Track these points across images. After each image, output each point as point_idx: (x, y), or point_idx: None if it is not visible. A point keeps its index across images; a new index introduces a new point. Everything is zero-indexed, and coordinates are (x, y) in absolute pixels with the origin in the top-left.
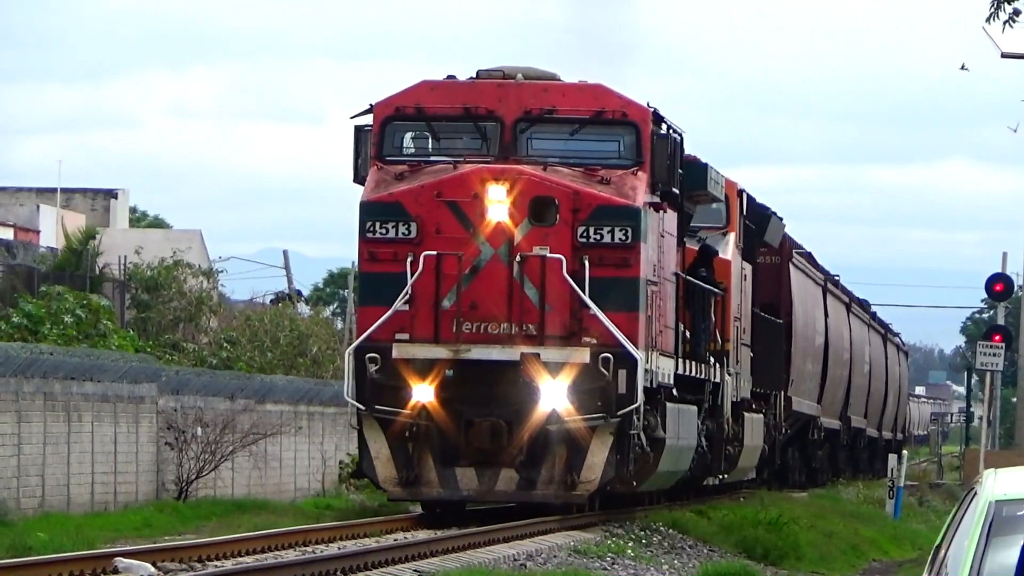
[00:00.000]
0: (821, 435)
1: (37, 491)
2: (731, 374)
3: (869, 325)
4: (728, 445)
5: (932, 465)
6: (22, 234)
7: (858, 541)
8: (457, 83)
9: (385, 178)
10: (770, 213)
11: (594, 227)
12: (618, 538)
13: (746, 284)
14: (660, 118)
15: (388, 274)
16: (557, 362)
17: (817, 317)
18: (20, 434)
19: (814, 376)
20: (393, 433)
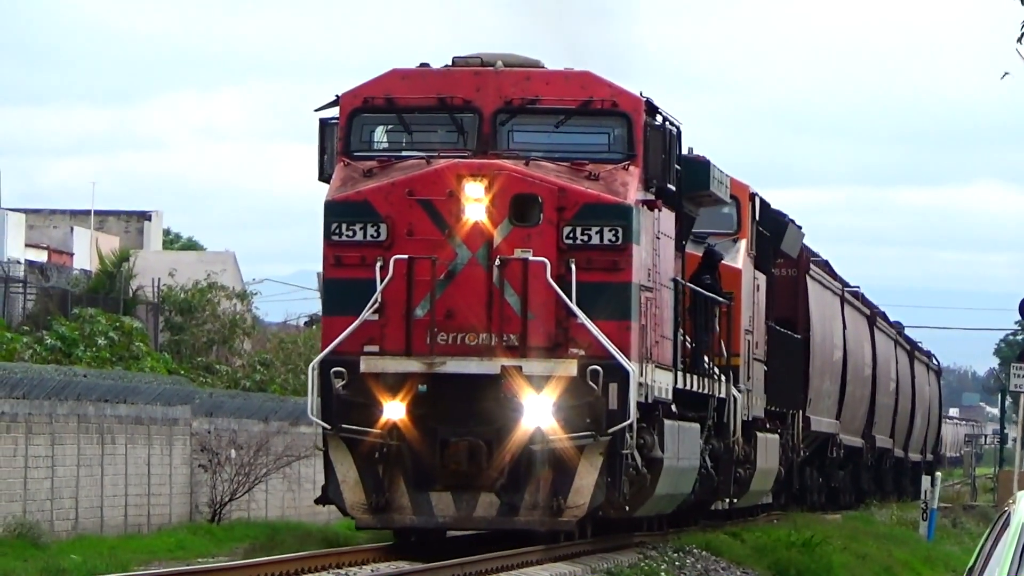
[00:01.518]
0: (841, 453)
1: (71, 513)
2: (741, 391)
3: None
4: (739, 467)
5: (966, 487)
6: (56, 256)
7: (891, 563)
8: (431, 71)
9: (352, 175)
10: (787, 220)
11: (581, 227)
12: (652, 560)
13: (759, 295)
14: (654, 108)
15: (355, 280)
16: (541, 375)
17: (835, 329)
18: (54, 456)
19: (832, 393)
20: (361, 454)
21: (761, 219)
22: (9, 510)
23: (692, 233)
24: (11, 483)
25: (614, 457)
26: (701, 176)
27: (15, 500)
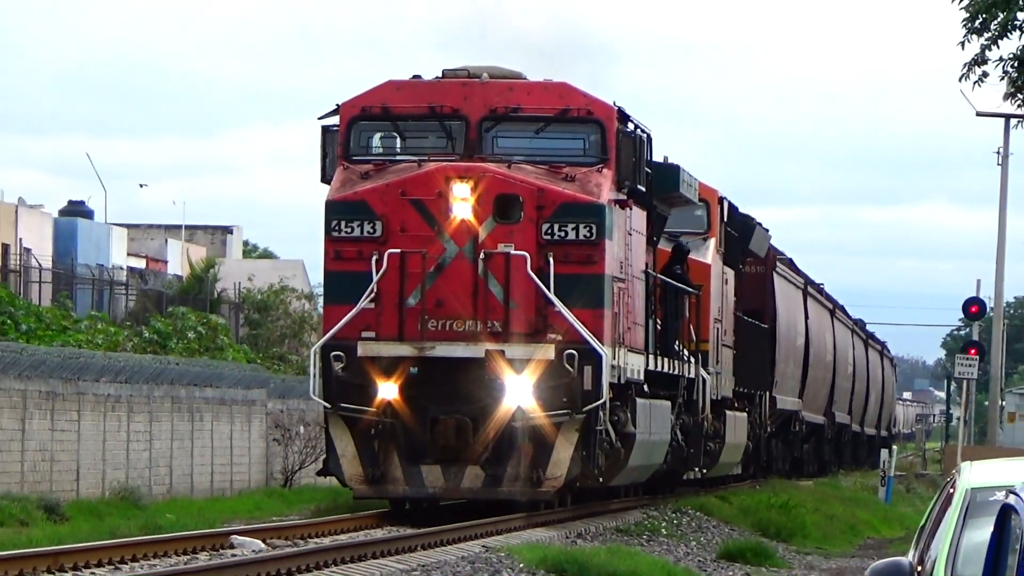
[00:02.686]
0: (804, 428)
1: (166, 479)
2: (710, 373)
3: (854, 331)
4: (709, 441)
5: (917, 458)
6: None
7: (855, 522)
8: (422, 83)
9: (351, 177)
10: (755, 223)
11: (559, 224)
12: (654, 519)
13: (727, 288)
14: (626, 116)
15: (353, 273)
16: (522, 359)
17: (799, 320)
18: (151, 431)
19: (796, 375)
20: (359, 431)
21: (729, 220)
22: (114, 476)
23: (665, 232)
24: (116, 454)
25: (589, 433)
26: (671, 179)
27: (119, 468)
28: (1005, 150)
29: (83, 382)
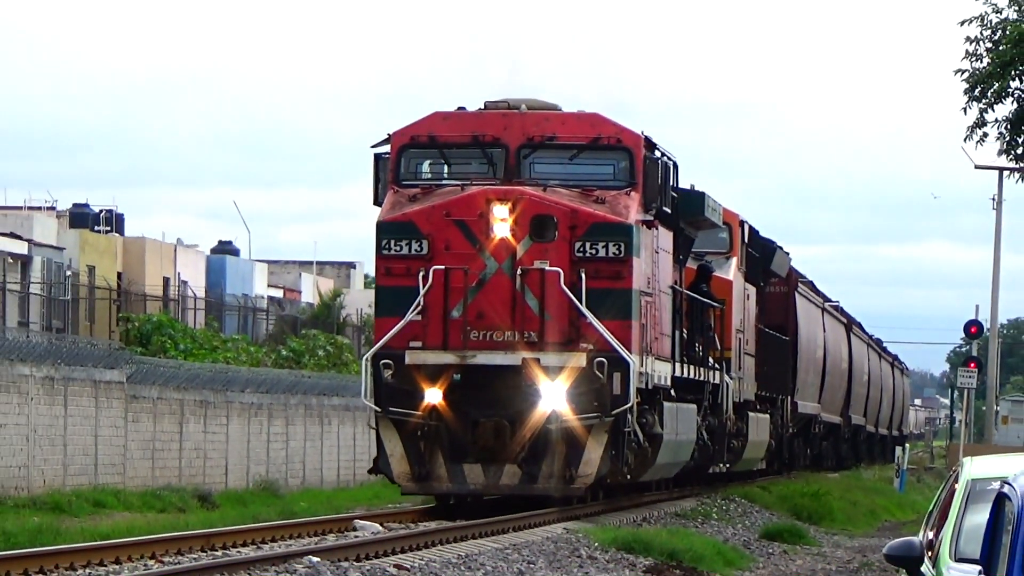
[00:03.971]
0: (822, 429)
1: (299, 473)
2: (733, 378)
3: (868, 344)
4: (733, 439)
5: (926, 454)
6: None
7: (875, 507)
8: (466, 113)
9: (400, 200)
10: (776, 246)
11: (590, 242)
12: (706, 505)
13: (749, 303)
14: (653, 144)
15: (402, 287)
16: (556, 366)
17: (818, 334)
18: (287, 433)
19: (815, 383)
20: (406, 432)
21: (751, 242)
22: (257, 471)
23: (692, 252)
24: (258, 452)
25: (618, 434)
26: (697, 204)
27: (261, 464)
28: (999, 197)
29: (231, 392)
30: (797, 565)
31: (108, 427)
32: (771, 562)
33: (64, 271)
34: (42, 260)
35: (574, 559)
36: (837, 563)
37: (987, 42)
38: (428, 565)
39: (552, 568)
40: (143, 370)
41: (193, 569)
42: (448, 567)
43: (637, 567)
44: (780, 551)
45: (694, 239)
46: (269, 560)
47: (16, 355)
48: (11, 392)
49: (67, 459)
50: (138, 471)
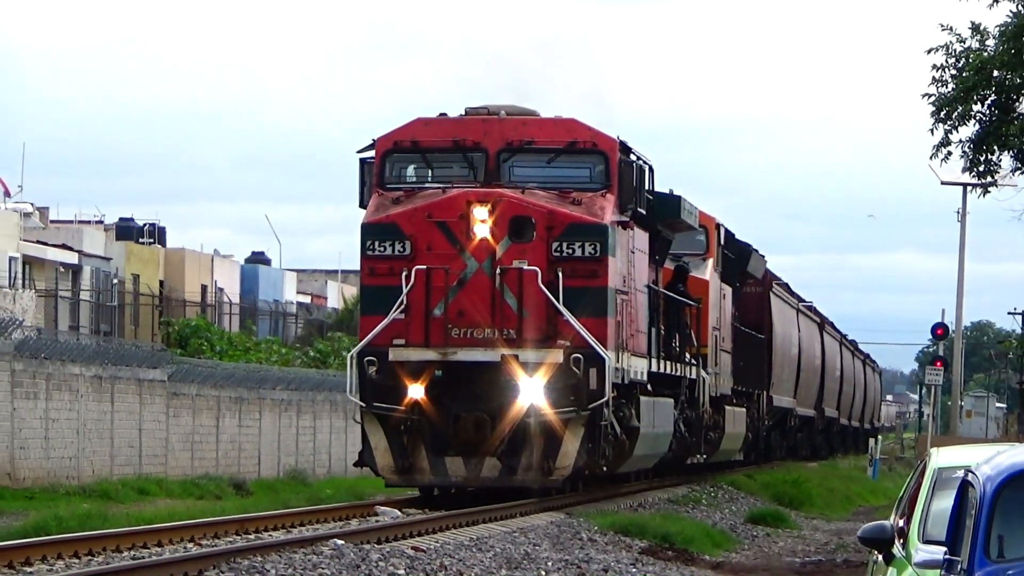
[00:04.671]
0: (797, 421)
1: (326, 463)
2: (709, 373)
3: (840, 342)
4: (710, 431)
5: (897, 445)
6: (316, 300)
7: (850, 494)
8: (448, 119)
9: (384, 203)
10: (751, 249)
11: (567, 243)
12: (696, 492)
13: (725, 302)
14: (627, 148)
15: (386, 287)
16: (534, 362)
17: (793, 332)
18: (315, 427)
19: (790, 378)
20: (390, 427)
21: (727, 244)
22: (287, 461)
23: (670, 253)
24: (288, 444)
25: (594, 427)
26: (673, 207)
27: (291, 455)
28: (963, 211)
29: (263, 390)
30: (779, 547)
31: (151, 421)
32: (756, 544)
33: (111, 279)
34: (91, 269)
35: (576, 541)
36: (816, 545)
37: (952, 69)
38: (443, 547)
39: (556, 549)
40: (183, 370)
41: (229, 551)
42: (461, 548)
43: (633, 548)
44: (764, 534)
45: (671, 241)
46: (298, 543)
47: (68, 356)
48: (63, 390)
49: (114, 451)
50: (179, 462)
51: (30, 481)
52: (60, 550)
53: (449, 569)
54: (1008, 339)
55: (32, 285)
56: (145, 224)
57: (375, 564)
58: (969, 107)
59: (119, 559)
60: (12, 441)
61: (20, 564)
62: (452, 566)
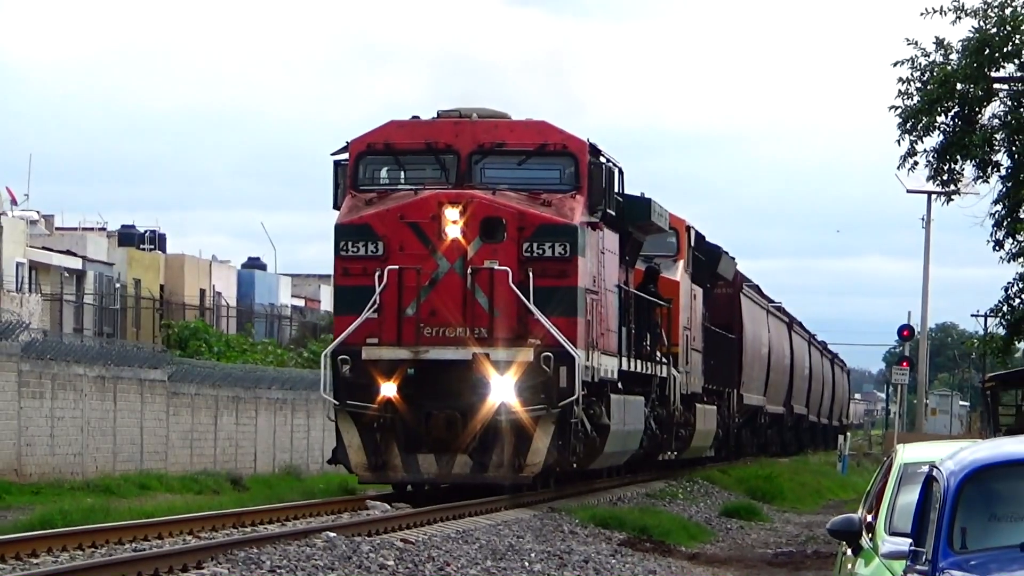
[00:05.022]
0: (767, 419)
1: (319, 459)
2: (680, 372)
3: (809, 342)
4: (681, 428)
5: (865, 442)
6: (310, 303)
7: (820, 488)
8: (421, 122)
9: (357, 204)
10: (721, 251)
11: (537, 243)
12: (673, 487)
13: (696, 302)
14: (597, 150)
15: (359, 287)
16: (505, 361)
17: (763, 333)
18: (309, 424)
19: (760, 377)
20: (363, 424)
21: (697, 246)
22: (282, 457)
23: (641, 255)
24: (283, 441)
25: (564, 425)
26: (643, 210)
27: (285, 451)
28: (928, 218)
29: (259, 389)
30: (752, 539)
31: (152, 420)
32: (730, 536)
33: (114, 284)
34: (95, 274)
35: (558, 534)
36: (787, 537)
37: (917, 82)
38: (431, 539)
39: (539, 541)
40: (182, 370)
41: (226, 543)
42: (448, 540)
43: (613, 540)
44: (737, 526)
45: (642, 243)
46: (292, 535)
47: (72, 357)
48: (68, 389)
49: (116, 448)
50: (178, 458)
51: (36, 477)
52: (65, 542)
53: (436, 560)
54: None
55: (38, 289)
56: (146, 231)
57: (366, 555)
58: (933, 119)
59: (121, 551)
60: (19, 438)
61: (27, 556)
62: (439, 557)
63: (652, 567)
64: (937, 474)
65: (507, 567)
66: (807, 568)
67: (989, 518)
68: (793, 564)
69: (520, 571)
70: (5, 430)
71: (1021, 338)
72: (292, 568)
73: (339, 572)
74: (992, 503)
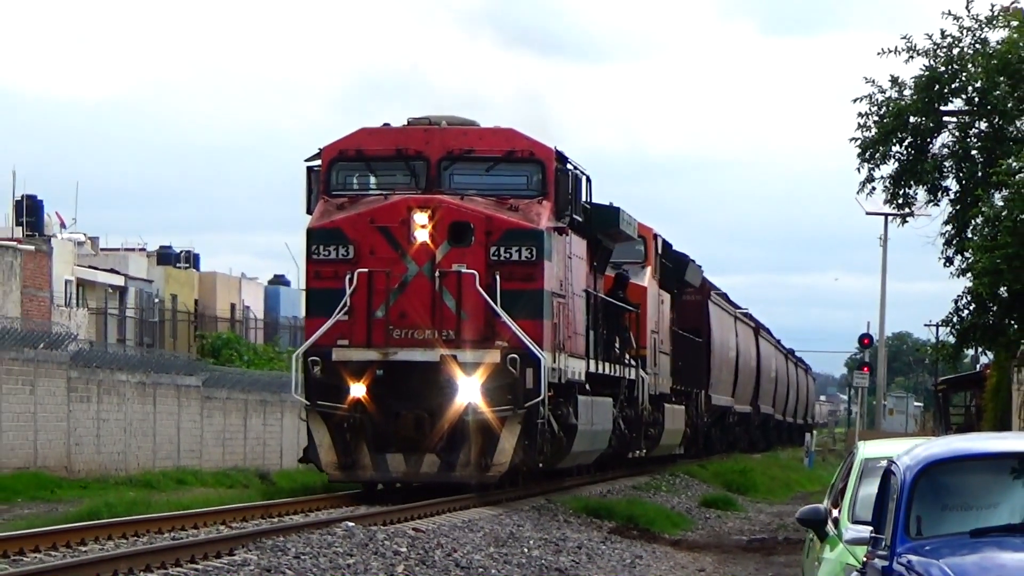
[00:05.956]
0: (735, 419)
1: None
2: (649, 373)
3: (776, 347)
4: (649, 428)
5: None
6: None
7: (789, 481)
8: (391, 129)
9: (329, 209)
10: (688, 259)
11: (504, 247)
12: (657, 480)
13: (663, 307)
14: (564, 158)
15: (330, 290)
16: (472, 362)
17: (730, 338)
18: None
19: (728, 379)
20: (333, 424)
21: (664, 254)
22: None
23: (611, 261)
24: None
25: (530, 425)
26: (612, 217)
27: None
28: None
29: (284, 394)
30: (729, 526)
31: (188, 421)
32: (708, 524)
33: (152, 299)
34: (135, 290)
35: (554, 522)
36: (760, 525)
37: (874, 116)
38: (439, 528)
39: (537, 529)
40: (215, 377)
41: (255, 532)
42: (455, 529)
43: (603, 528)
44: (715, 516)
45: (612, 250)
46: (315, 525)
47: (116, 365)
48: (112, 394)
49: (156, 446)
50: (212, 456)
51: (84, 473)
52: (110, 532)
53: (445, 547)
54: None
55: (85, 304)
56: (182, 251)
57: (381, 543)
58: (889, 148)
59: (161, 539)
60: (68, 438)
61: (76, 544)
62: (447, 544)
63: (639, 552)
64: (895, 468)
65: (508, 552)
66: (778, 553)
67: (941, 508)
68: (766, 549)
69: (520, 556)
70: (56, 431)
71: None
72: (315, 554)
73: (357, 558)
74: (943, 494)
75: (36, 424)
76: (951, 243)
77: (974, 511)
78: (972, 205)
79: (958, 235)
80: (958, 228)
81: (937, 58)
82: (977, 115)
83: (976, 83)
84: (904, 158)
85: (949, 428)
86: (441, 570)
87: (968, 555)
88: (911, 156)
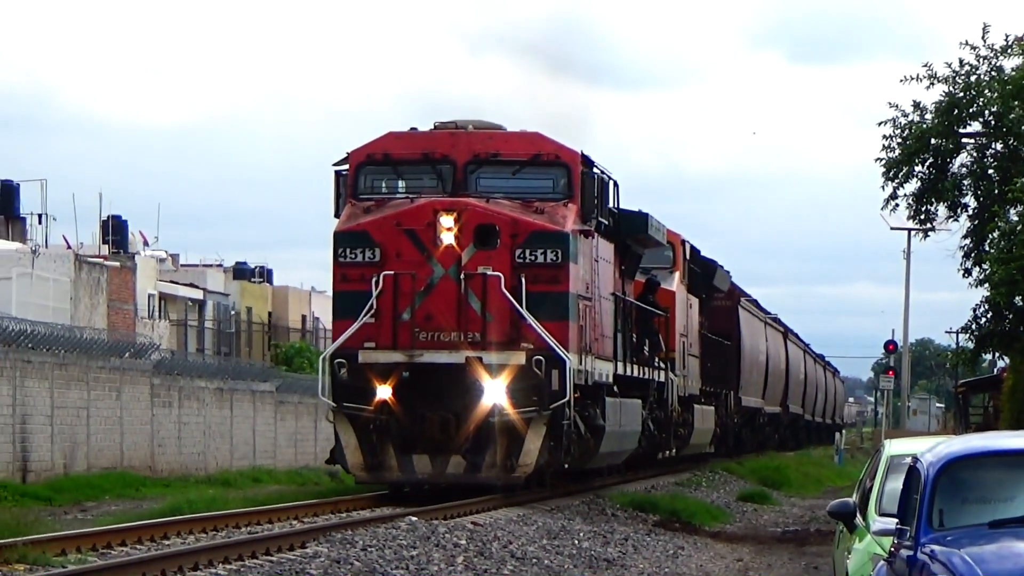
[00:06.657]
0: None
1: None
2: (677, 375)
3: (804, 351)
4: (679, 428)
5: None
6: None
7: (821, 477)
8: (418, 133)
9: (356, 212)
10: (716, 264)
11: (529, 249)
12: (698, 476)
13: (692, 311)
14: (590, 161)
15: (357, 292)
16: (498, 364)
17: (760, 341)
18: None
19: (759, 381)
20: (360, 426)
21: (692, 259)
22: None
23: (640, 267)
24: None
25: (556, 426)
26: (641, 223)
27: None
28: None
29: None
30: (764, 519)
31: (262, 424)
32: (745, 517)
33: (229, 311)
34: (213, 303)
35: (602, 516)
36: (793, 517)
37: (898, 138)
38: (495, 522)
39: (587, 522)
40: (287, 383)
41: (325, 527)
42: (511, 523)
43: (648, 521)
44: (752, 509)
45: (641, 255)
46: (380, 520)
47: (195, 373)
48: (192, 399)
49: (233, 447)
50: (284, 456)
51: (166, 472)
52: (191, 527)
53: (501, 539)
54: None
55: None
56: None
57: (442, 536)
58: (912, 168)
59: (238, 534)
60: (152, 441)
61: (160, 538)
62: (503, 536)
63: (681, 544)
64: (919, 464)
65: (560, 544)
66: (811, 544)
67: (962, 501)
68: (799, 540)
69: (571, 547)
70: (140, 433)
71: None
72: (381, 546)
73: (420, 549)
74: (964, 489)
75: (122, 427)
76: (970, 256)
77: (992, 504)
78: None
79: (976, 248)
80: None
81: (956, 84)
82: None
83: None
84: (926, 177)
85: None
86: (498, 561)
87: (986, 544)
88: (932, 175)
